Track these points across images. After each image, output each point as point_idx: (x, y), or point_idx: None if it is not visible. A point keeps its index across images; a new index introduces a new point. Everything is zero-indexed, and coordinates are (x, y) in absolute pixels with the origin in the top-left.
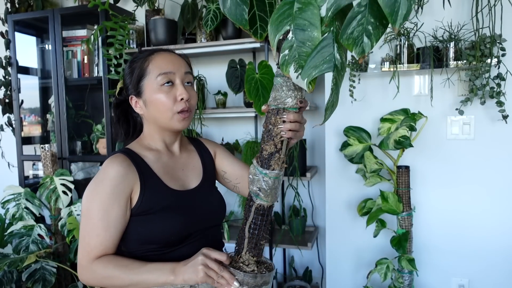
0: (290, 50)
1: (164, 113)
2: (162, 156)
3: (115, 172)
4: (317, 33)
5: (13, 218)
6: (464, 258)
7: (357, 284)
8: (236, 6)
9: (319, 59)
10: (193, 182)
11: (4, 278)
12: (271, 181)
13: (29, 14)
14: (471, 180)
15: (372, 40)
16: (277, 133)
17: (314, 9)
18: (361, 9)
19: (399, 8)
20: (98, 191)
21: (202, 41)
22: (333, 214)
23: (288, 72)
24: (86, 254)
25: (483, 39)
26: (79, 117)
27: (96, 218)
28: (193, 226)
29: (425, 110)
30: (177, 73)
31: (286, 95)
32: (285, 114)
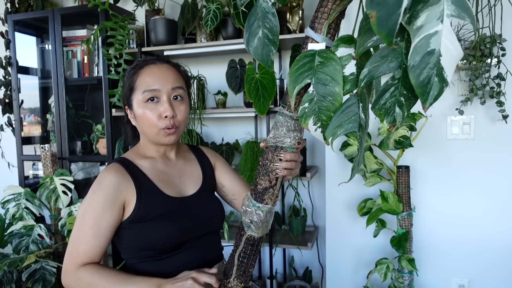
0: (310, 103)
1: (150, 128)
2: (157, 163)
3: (108, 182)
4: (339, 89)
5: (13, 218)
6: (464, 258)
7: (357, 284)
8: (263, 46)
9: (344, 119)
10: (190, 189)
11: (4, 278)
12: (263, 214)
13: (29, 14)
14: (471, 180)
15: (404, 111)
16: (273, 169)
17: (336, 65)
18: (394, 82)
19: (431, 89)
20: (92, 199)
21: (202, 41)
22: (333, 214)
23: (307, 125)
24: (73, 260)
25: (483, 39)
26: (79, 117)
27: (87, 225)
28: (189, 232)
29: None
30: (162, 90)
31: (285, 135)
32: (282, 153)
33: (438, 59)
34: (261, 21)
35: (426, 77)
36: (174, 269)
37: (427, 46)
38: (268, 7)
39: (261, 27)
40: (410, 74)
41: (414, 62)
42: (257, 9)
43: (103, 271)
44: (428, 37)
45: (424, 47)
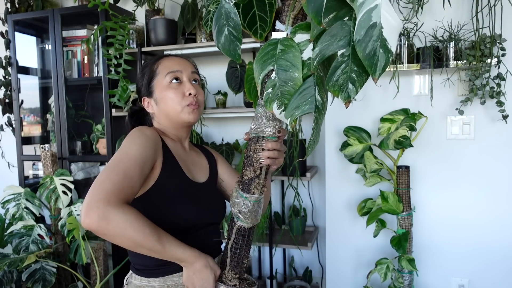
0: (273, 89)
1: (174, 107)
2: (177, 146)
3: (151, 134)
4: (298, 74)
5: (13, 218)
6: (464, 258)
7: (357, 284)
8: (230, 43)
9: (301, 100)
10: (202, 177)
11: (4, 278)
12: (251, 204)
13: (29, 14)
14: (471, 180)
15: (356, 87)
16: (257, 159)
17: (295, 52)
18: (344, 59)
19: (378, 60)
20: (137, 142)
21: (202, 41)
22: (333, 214)
23: (271, 109)
24: (117, 192)
25: (483, 39)
26: (79, 117)
27: (134, 161)
28: (202, 217)
29: (425, 110)
30: (184, 72)
31: (266, 124)
32: (264, 142)
33: (380, 31)
34: (226, 20)
35: (371, 49)
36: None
37: (369, 19)
38: (230, 7)
39: (226, 25)
40: (357, 48)
41: (360, 36)
42: (221, 9)
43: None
44: (370, 11)
45: (367, 21)
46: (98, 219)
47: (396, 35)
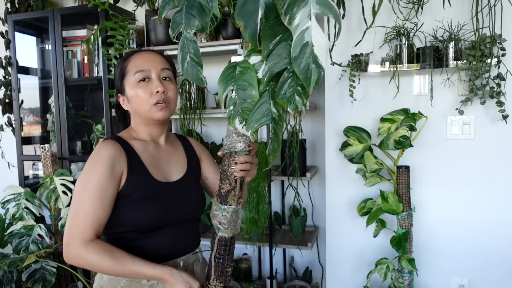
0: (234, 106)
1: (143, 106)
2: (149, 146)
3: (110, 154)
4: (255, 92)
5: (13, 218)
6: (464, 258)
7: (357, 284)
8: (192, 68)
9: (259, 114)
10: (176, 175)
11: (4, 278)
12: (229, 215)
13: (29, 14)
14: (471, 180)
15: (302, 98)
16: (231, 173)
17: (252, 72)
18: (290, 74)
19: (311, 74)
20: (94, 170)
21: (202, 41)
22: (333, 214)
23: (234, 124)
24: (81, 233)
25: (483, 39)
26: (79, 117)
27: (94, 196)
28: (169, 217)
29: (425, 110)
30: (152, 70)
31: (236, 140)
32: (236, 157)
33: (312, 49)
34: (187, 48)
35: (305, 64)
36: (148, 252)
37: (303, 39)
38: (190, 36)
39: (188, 53)
40: (293, 64)
41: (295, 54)
42: (183, 39)
43: (110, 250)
44: (303, 32)
45: (301, 40)
46: (72, 259)
47: (325, 53)
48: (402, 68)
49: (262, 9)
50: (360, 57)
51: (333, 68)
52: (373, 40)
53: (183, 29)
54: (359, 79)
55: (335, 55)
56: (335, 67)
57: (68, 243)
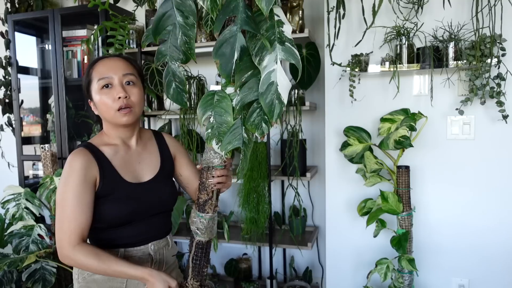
0: (212, 129)
1: (107, 111)
2: (119, 150)
3: (80, 164)
4: (230, 118)
5: (13, 218)
6: (464, 258)
7: (357, 284)
8: (177, 94)
9: (232, 137)
10: (147, 175)
11: (4, 278)
12: (206, 221)
13: (29, 14)
14: (471, 180)
15: (268, 125)
16: (209, 185)
17: (228, 101)
18: (258, 105)
19: (275, 109)
20: (69, 182)
21: (202, 41)
22: (333, 214)
23: (211, 144)
24: (67, 238)
25: (483, 39)
26: (79, 117)
27: (71, 205)
28: (141, 213)
29: (425, 110)
30: (114, 76)
31: (213, 156)
32: (213, 171)
33: (276, 88)
34: (173, 77)
35: (270, 100)
36: (123, 239)
37: (269, 79)
38: (175, 67)
39: (173, 81)
40: (260, 99)
41: (262, 90)
42: (168, 69)
43: (96, 253)
44: (270, 73)
45: (268, 79)
46: (65, 260)
47: (287, 92)
48: (402, 68)
49: (238, 52)
50: (360, 57)
51: (333, 68)
52: (373, 40)
53: (168, 60)
54: (359, 79)
55: (335, 55)
56: (335, 67)
57: (59, 247)
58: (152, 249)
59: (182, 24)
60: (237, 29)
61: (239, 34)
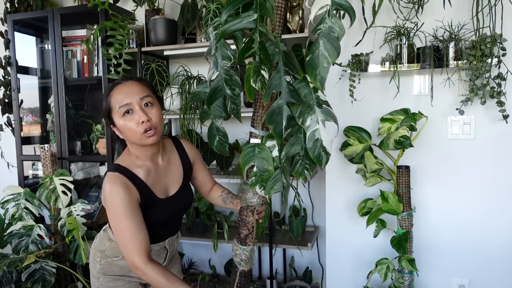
0: (255, 177)
1: (133, 135)
2: (151, 170)
3: (123, 192)
4: (271, 167)
5: (12, 218)
6: (464, 258)
7: (357, 284)
8: (220, 145)
9: (274, 183)
10: (173, 188)
11: (4, 278)
12: (248, 253)
13: (28, 14)
14: (471, 180)
15: (309, 171)
16: (249, 221)
17: (268, 153)
18: (300, 157)
19: (322, 159)
20: (119, 210)
21: (202, 41)
22: (333, 214)
23: (255, 188)
24: (137, 257)
25: (483, 38)
26: (78, 117)
27: (129, 227)
28: (163, 222)
29: (426, 110)
30: (133, 101)
31: (252, 196)
32: (253, 209)
33: (321, 143)
34: (216, 131)
35: (318, 153)
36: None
37: (314, 136)
38: (218, 124)
39: (217, 134)
40: (309, 152)
41: (309, 146)
42: (213, 125)
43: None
44: (314, 132)
45: (313, 137)
46: (139, 273)
47: (331, 144)
48: (402, 68)
49: (286, 120)
50: (360, 57)
51: (333, 68)
52: (373, 40)
53: (212, 118)
54: (359, 79)
55: None
56: (335, 67)
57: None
58: (167, 243)
59: (230, 95)
60: (283, 102)
61: (285, 106)
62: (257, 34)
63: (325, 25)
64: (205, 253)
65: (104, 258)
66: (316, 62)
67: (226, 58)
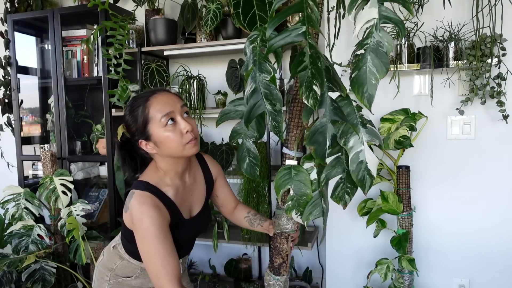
0: (292, 201)
1: (176, 147)
2: (179, 189)
3: (156, 214)
4: (309, 191)
5: (12, 218)
6: (464, 258)
7: (357, 284)
8: (250, 168)
9: (313, 209)
10: (196, 207)
11: (4, 279)
12: (282, 284)
13: (28, 14)
14: (471, 180)
15: (350, 196)
16: (283, 249)
17: (306, 175)
18: (341, 180)
19: (366, 182)
20: (149, 235)
21: (202, 41)
22: (333, 214)
23: (291, 214)
24: (169, 283)
25: (483, 38)
26: (78, 117)
27: (161, 252)
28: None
29: (426, 110)
30: (175, 110)
31: (287, 222)
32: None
33: (366, 165)
34: (247, 153)
35: (361, 176)
36: None
37: (358, 158)
38: (250, 145)
39: (247, 156)
40: (352, 175)
41: (353, 168)
42: (243, 145)
43: None
44: (357, 153)
45: (356, 159)
46: None
47: (375, 167)
48: (402, 68)
49: (329, 140)
50: None
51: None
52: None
53: (243, 138)
54: None
55: (335, 54)
56: (335, 67)
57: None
58: (181, 261)
59: (271, 111)
60: (326, 120)
61: (329, 125)
62: (307, 47)
63: (372, 39)
64: (205, 253)
65: (114, 277)
66: (363, 79)
67: (265, 71)
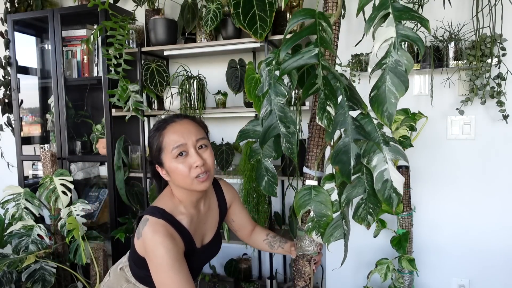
0: (312, 222)
1: (184, 180)
2: (193, 217)
3: (168, 246)
4: (330, 212)
5: (12, 218)
6: (464, 258)
7: (357, 284)
8: (269, 186)
9: (334, 230)
10: (208, 235)
11: (4, 279)
12: None
13: (28, 14)
14: (471, 180)
15: (373, 216)
16: (305, 272)
17: (326, 196)
18: (363, 201)
19: (393, 201)
20: (164, 265)
21: (202, 41)
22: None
23: (311, 235)
24: None
25: (483, 38)
26: (78, 117)
27: (176, 283)
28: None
29: (426, 110)
30: (188, 142)
31: (309, 244)
32: (310, 258)
33: (391, 184)
34: (265, 172)
35: (388, 195)
36: None
37: (382, 177)
38: (268, 164)
39: (266, 175)
40: (378, 194)
41: (378, 187)
42: (261, 165)
43: None
44: (382, 172)
45: (381, 177)
46: None
47: (402, 185)
48: None
49: (354, 159)
50: (360, 57)
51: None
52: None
53: (261, 157)
54: (359, 79)
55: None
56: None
57: None
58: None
59: (285, 133)
60: (349, 140)
61: (352, 144)
62: (320, 69)
63: (390, 58)
64: None
65: None
66: (383, 98)
67: (280, 94)
